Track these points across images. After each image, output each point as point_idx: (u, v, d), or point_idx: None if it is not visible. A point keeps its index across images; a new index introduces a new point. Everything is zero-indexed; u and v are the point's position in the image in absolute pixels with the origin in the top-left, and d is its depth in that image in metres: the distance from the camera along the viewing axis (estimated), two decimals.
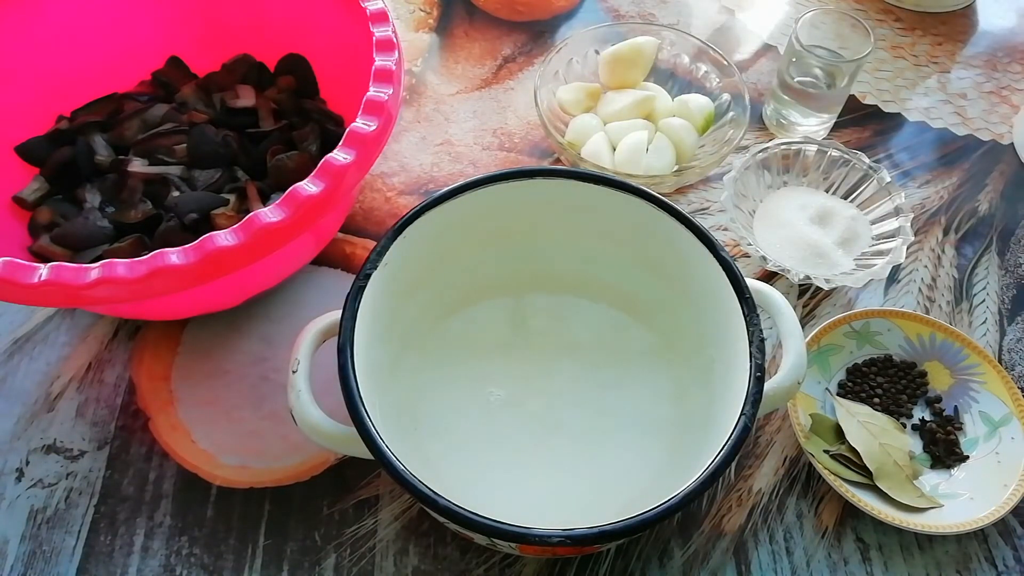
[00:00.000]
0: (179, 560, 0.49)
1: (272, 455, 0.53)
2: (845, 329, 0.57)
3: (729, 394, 0.45)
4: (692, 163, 0.64)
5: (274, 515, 0.51)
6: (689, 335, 0.53)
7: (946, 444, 0.53)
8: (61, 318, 0.59)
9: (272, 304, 0.59)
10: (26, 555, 0.49)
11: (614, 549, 0.50)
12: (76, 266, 0.42)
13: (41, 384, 0.56)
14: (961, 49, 0.78)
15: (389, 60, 0.50)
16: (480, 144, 0.69)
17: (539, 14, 0.79)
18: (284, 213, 0.44)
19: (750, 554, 0.50)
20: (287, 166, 0.57)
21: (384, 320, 0.48)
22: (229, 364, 0.57)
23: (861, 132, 0.71)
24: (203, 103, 0.63)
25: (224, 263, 0.43)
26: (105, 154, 0.59)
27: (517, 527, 0.38)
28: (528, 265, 0.56)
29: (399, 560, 0.50)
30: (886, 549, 0.51)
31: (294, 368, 0.44)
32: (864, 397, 0.55)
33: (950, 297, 0.62)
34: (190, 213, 0.55)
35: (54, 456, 0.53)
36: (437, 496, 0.39)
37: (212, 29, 0.64)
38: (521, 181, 0.50)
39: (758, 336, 0.44)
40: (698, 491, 0.39)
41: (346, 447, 0.43)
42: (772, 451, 0.54)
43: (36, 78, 0.59)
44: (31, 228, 0.57)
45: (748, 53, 0.77)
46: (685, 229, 0.48)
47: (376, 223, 0.64)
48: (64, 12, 0.59)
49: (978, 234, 0.66)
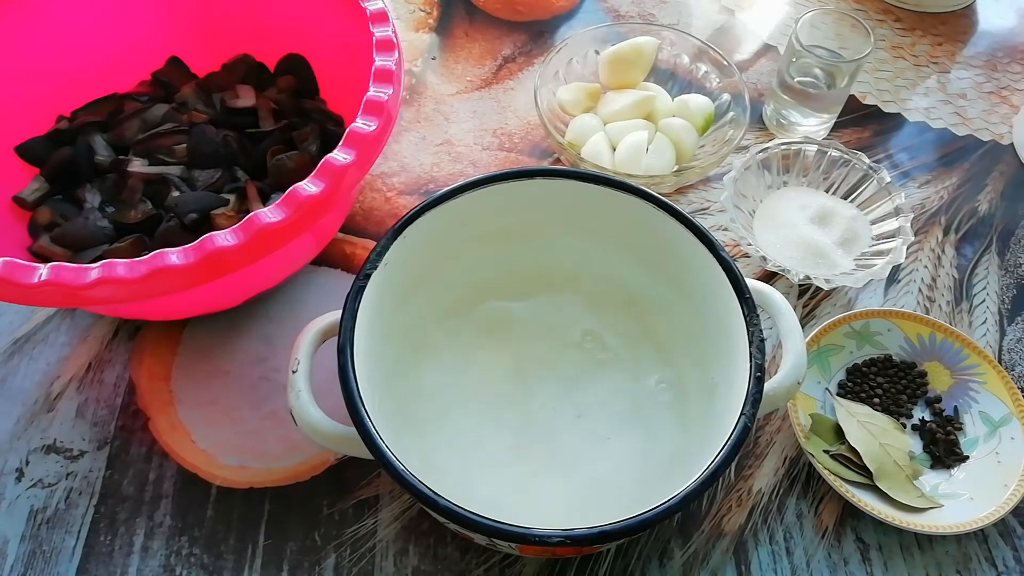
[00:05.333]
0: (179, 560, 0.49)
1: (272, 455, 0.53)
2: (845, 329, 0.57)
3: (729, 394, 0.45)
4: (692, 163, 0.64)
5: (274, 515, 0.51)
6: (689, 335, 0.53)
7: (946, 444, 0.53)
8: (61, 318, 0.59)
9: (272, 304, 0.59)
10: (26, 555, 0.49)
11: (614, 549, 0.50)
12: (76, 266, 0.42)
13: (41, 384, 0.56)
14: (961, 49, 0.78)
15: (389, 60, 0.50)
16: (480, 144, 0.69)
17: (539, 14, 0.79)
18: (284, 213, 0.44)
19: (750, 554, 0.50)
20: (287, 166, 0.57)
21: (384, 320, 0.48)
22: (229, 364, 0.57)
23: (861, 132, 0.71)
24: (203, 103, 0.63)
25: (224, 263, 0.43)
26: (105, 154, 0.59)
27: (517, 527, 0.38)
28: (528, 265, 0.56)
29: (399, 560, 0.50)
30: (886, 549, 0.51)
31: (294, 368, 0.44)
32: (864, 397, 0.55)
33: (950, 297, 0.62)
34: (190, 213, 0.55)
35: (54, 456, 0.53)
36: (437, 496, 0.39)
37: (212, 29, 0.64)
38: (521, 181, 0.50)
39: (758, 336, 0.44)
40: (698, 491, 0.39)
41: (346, 447, 0.43)
42: (772, 451, 0.54)
43: (36, 78, 0.59)
44: (31, 228, 0.57)
45: (748, 53, 0.77)
46: (685, 229, 0.48)
47: (376, 223, 0.64)
48: (64, 12, 0.59)
49: (978, 234, 0.66)
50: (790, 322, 0.46)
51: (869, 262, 0.59)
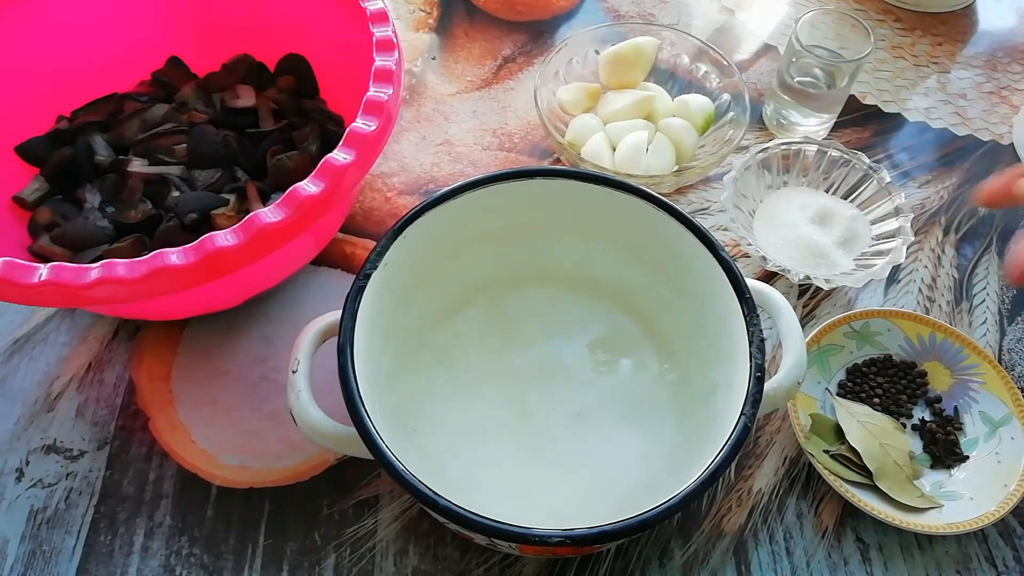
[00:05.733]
0: (179, 560, 0.49)
1: (272, 455, 0.53)
2: (845, 329, 0.57)
3: (729, 394, 0.45)
4: (692, 163, 0.64)
5: (274, 515, 0.51)
6: (689, 335, 0.53)
7: (946, 444, 0.53)
8: (61, 318, 0.59)
9: (272, 304, 0.59)
10: (26, 555, 0.49)
11: (614, 549, 0.50)
12: (76, 266, 0.42)
13: (41, 384, 0.56)
14: (961, 49, 0.78)
15: (389, 60, 0.50)
16: (480, 144, 0.69)
17: (539, 14, 0.79)
18: (284, 213, 0.44)
19: (750, 554, 0.50)
20: (287, 166, 0.57)
21: (384, 320, 0.48)
22: (229, 364, 0.57)
23: (861, 132, 0.71)
24: (203, 103, 0.63)
25: (224, 263, 0.43)
26: (105, 154, 0.59)
27: (517, 527, 0.38)
28: (528, 265, 0.56)
29: (399, 560, 0.50)
30: (886, 549, 0.51)
31: (294, 368, 0.44)
32: (864, 397, 0.55)
33: (950, 297, 0.62)
34: (190, 213, 0.55)
35: (54, 456, 0.53)
36: (437, 496, 0.39)
37: (212, 29, 0.64)
38: (521, 181, 0.50)
39: (758, 336, 0.44)
40: (698, 491, 0.39)
41: (346, 447, 0.43)
42: (772, 451, 0.54)
43: (36, 78, 0.59)
44: (31, 228, 0.57)
45: (748, 53, 0.77)
46: (685, 229, 0.48)
47: (376, 223, 0.64)
48: (64, 12, 0.58)
49: (978, 234, 0.66)
50: (790, 322, 0.46)
51: (869, 262, 0.59)
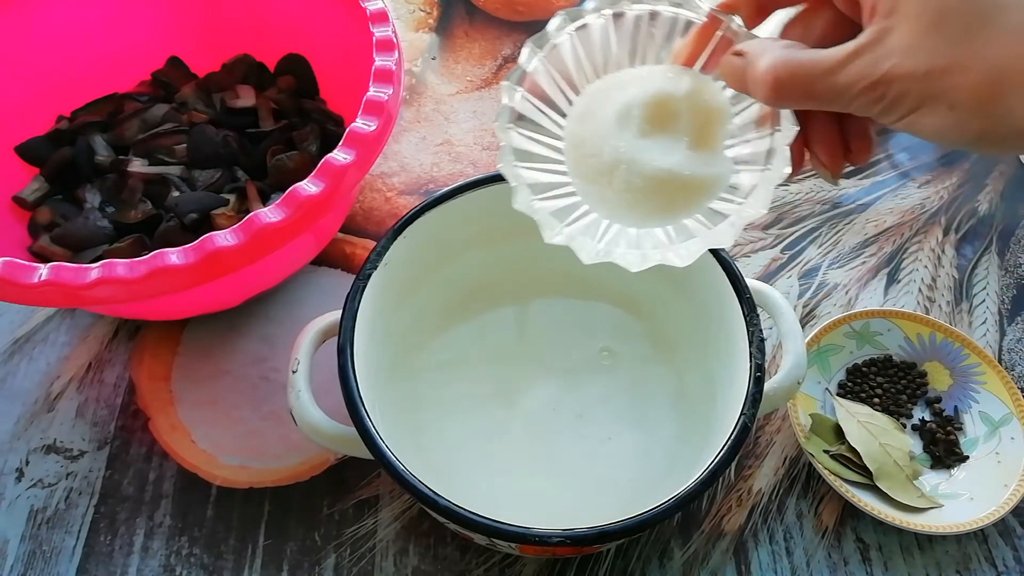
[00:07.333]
0: (179, 560, 0.49)
1: (272, 455, 0.53)
2: (845, 329, 0.57)
3: (729, 394, 0.45)
4: None
5: (274, 515, 0.51)
6: (689, 335, 0.53)
7: (946, 444, 0.53)
8: (61, 318, 0.59)
9: (272, 304, 0.59)
10: (26, 555, 0.49)
11: (614, 549, 0.50)
12: (76, 266, 0.42)
13: (41, 384, 0.56)
14: None
15: (389, 60, 0.50)
16: (480, 144, 0.69)
17: (539, 14, 0.79)
18: (284, 213, 0.44)
19: (750, 554, 0.50)
20: (287, 166, 0.57)
21: (384, 320, 0.48)
22: (229, 364, 0.57)
23: None
24: (203, 103, 0.63)
25: (224, 263, 0.43)
26: (105, 154, 0.59)
27: (517, 527, 0.38)
28: (528, 265, 0.56)
29: (399, 560, 0.50)
30: (886, 549, 0.51)
31: (294, 368, 0.44)
32: (864, 397, 0.55)
33: (950, 297, 0.62)
34: (190, 213, 0.55)
35: (54, 456, 0.53)
36: (437, 496, 0.39)
37: (212, 29, 0.64)
38: None
39: (758, 336, 0.44)
40: (698, 491, 0.39)
41: (346, 447, 0.43)
42: (772, 451, 0.54)
43: (36, 78, 0.59)
44: (31, 228, 0.57)
45: None
46: None
47: (376, 223, 0.64)
48: (64, 12, 0.58)
49: (978, 234, 0.66)
50: (790, 322, 0.46)
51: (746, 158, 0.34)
